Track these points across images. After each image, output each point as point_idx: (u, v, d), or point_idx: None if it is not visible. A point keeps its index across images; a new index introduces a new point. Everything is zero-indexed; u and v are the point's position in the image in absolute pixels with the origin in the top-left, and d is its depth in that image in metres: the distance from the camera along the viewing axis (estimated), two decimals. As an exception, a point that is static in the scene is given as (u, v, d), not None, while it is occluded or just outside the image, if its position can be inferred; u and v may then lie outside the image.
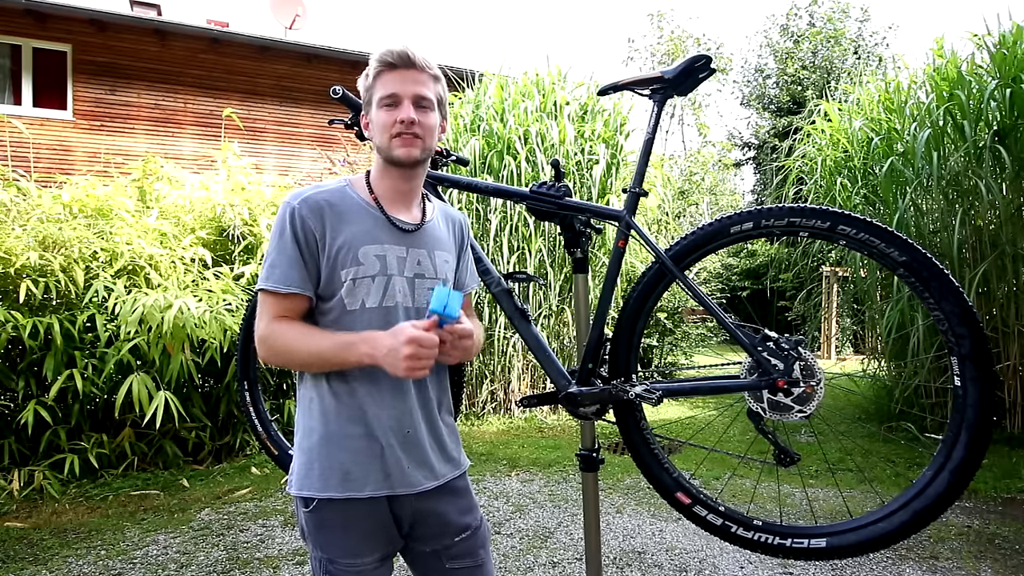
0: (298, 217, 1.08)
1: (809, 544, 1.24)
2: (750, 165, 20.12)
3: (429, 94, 1.12)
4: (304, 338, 1.07)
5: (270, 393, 4.28)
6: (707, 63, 1.33)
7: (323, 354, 1.06)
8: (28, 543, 2.74)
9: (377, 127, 1.12)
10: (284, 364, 1.13)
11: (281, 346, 1.08)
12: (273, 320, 1.09)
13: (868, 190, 4.70)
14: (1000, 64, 3.92)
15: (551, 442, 4.53)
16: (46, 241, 3.45)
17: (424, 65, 1.12)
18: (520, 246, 5.09)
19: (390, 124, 1.10)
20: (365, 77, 1.13)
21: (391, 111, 1.10)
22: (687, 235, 1.32)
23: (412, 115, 1.09)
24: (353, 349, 1.04)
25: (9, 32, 8.71)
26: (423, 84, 1.11)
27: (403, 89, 1.10)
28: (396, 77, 1.10)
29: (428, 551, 1.18)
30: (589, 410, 1.37)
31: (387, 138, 1.10)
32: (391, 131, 1.10)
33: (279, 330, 1.08)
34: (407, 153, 1.11)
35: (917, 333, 4.06)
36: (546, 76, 5.60)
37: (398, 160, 1.12)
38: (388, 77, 1.10)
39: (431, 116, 1.13)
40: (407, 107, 1.09)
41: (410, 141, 1.10)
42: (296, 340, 1.07)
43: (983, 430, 1.12)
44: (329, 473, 1.08)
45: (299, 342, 1.07)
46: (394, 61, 1.10)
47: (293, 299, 1.09)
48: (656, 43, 21.78)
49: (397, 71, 1.10)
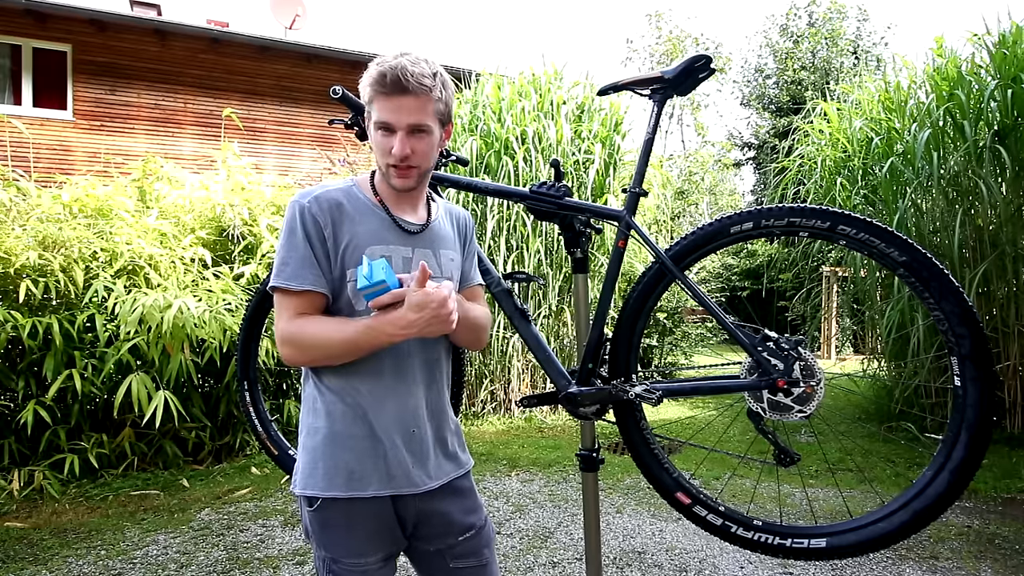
0: (308, 215, 1.07)
1: (809, 544, 1.24)
2: (750, 165, 20.13)
3: (426, 120, 1.06)
4: (332, 329, 1.06)
5: (270, 393, 4.27)
6: (707, 63, 1.33)
7: (356, 341, 1.04)
8: (28, 543, 2.74)
9: (375, 147, 1.10)
10: (310, 360, 1.10)
11: (310, 341, 1.06)
12: (293, 318, 1.07)
13: (868, 190, 4.70)
14: (1000, 64, 3.91)
15: (551, 442, 4.53)
16: (46, 241, 3.45)
17: (418, 89, 1.03)
18: (518, 246, 5.09)
19: (386, 151, 1.08)
20: (362, 88, 1.09)
21: (386, 137, 1.07)
22: (687, 235, 1.31)
23: (406, 150, 1.06)
24: (381, 331, 1.03)
25: (9, 32, 8.71)
26: (418, 111, 1.05)
27: (397, 119, 1.05)
28: (390, 105, 1.04)
29: (432, 550, 1.18)
30: (589, 410, 1.37)
31: (384, 164, 1.10)
32: (386, 159, 1.09)
33: (301, 326, 1.06)
34: (402, 183, 1.11)
35: (917, 333, 4.05)
36: (542, 76, 5.60)
37: (395, 187, 1.13)
38: (382, 103, 1.05)
39: (427, 140, 1.09)
40: (401, 140, 1.06)
41: (404, 172, 1.10)
42: (324, 333, 1.05)
43: (983, 430, 1.12)
44: (334, 472, 1.08)
45: (328, 334, 1.05)
46: (386, 89, 1.04)
47: (309, 296, 1.07)
48: (655, 43, 21.79)
49: (391, 99, 1.04)
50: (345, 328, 1.05)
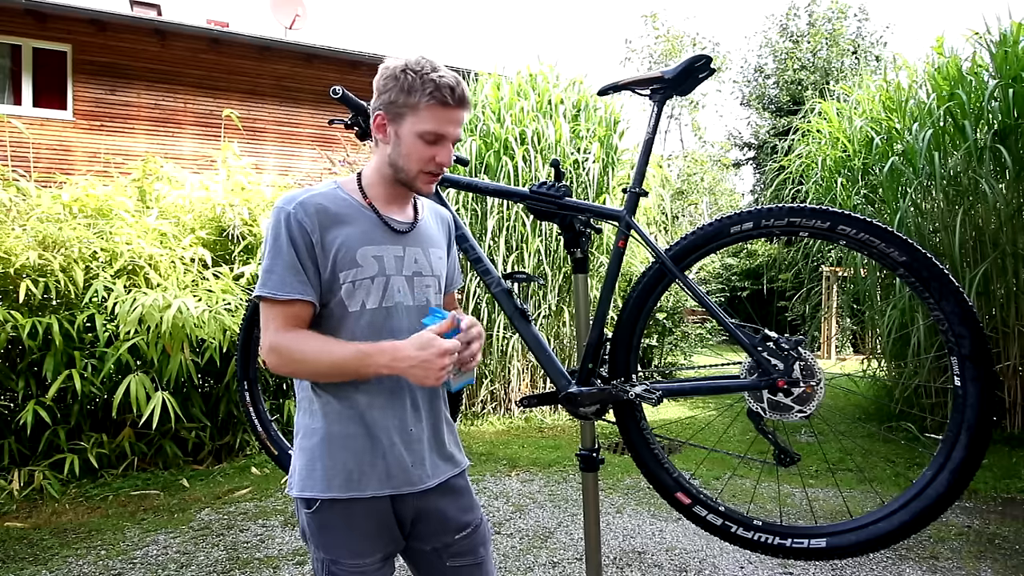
0: (294, 221, 1.05)
1: (809, 544, 1.24)
2: (750, 165, 20.13)
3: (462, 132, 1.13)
4: (322, 350, 1.04)
5: (270, 393, 4.28)
6: (707, 63, 1.33)
7: (344, 365, 1.03)
8: (28, 543, 2.74)
9: (410, 155, 1.09)
10: (294, 374, 1.10)
11: (297, 357, 1.05)
12: (281, 330, 1.05)
13: (868, 190, 4.69)
14: (1001, 63, 3.91)
15: (551, 442, 4.53)
16: (46, 241, 3.45)
17: (469, 103, 1.10)
18: (518, 246, 5.09)
19: (426, 160, 1.09)
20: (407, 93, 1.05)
21: (430, 147, 1.08)
22: (687, 235, 1.31)
23: (450, 159, 1.10)
24: (371, 360, 1.02)
25: (9, 32, 8.70)
26: (462, 122, 1.11)
27: (450, 131, 1.08)
28: (448, 116, 1.07)
29: (428, 549, 1.18)
30: (589, 410, 1.37)
31: (416, 170, 1.10)
32: (423, 167, 1.10)
33: (291, 340, 1.04)
34: (429, 189, 1.14)
35: (917, 333, 4.05)
36: (539, 75, 5.60)
37: (418, 192, 1.14)
38: (440, 114, 1.06)
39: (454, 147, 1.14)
40: (448, 150, 1.09)
41: (434, 179, 1.13)
42: (313, 352, 1.04)
43: (983, 430, 1.12)
44: (332, 473, 1.08)
45: (316, 354, 1.04)
46: (452, 102, 1.06)
47: (295, 305, 1.05)
48: (653, 43, 21.80)
49: (451, 110, 1.07)
50: (336, 350, 1.04)
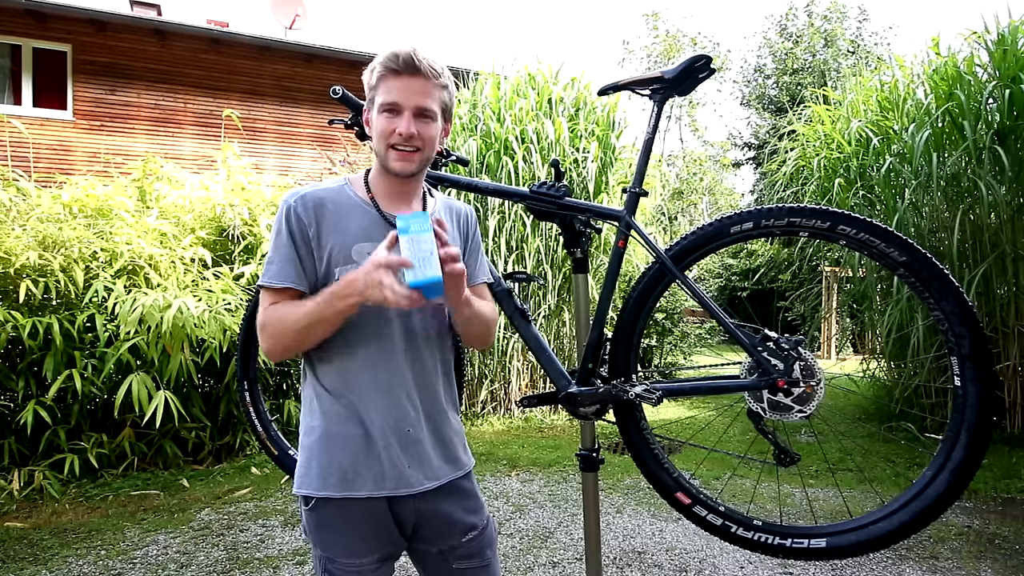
0: (293, 215, 1.09)
1: (809, 544, 1.24)
2: (750, 165, 20.13)
3: (432, 105, 1.08)
4: (294, 307, 1.06)
5: (270, 393, 4.27)
6: (707, 63, 1.33)
7: (316, 312, 1.03)
8: (28, 543, 2.74)
9: (376, 132, 1.10)
10: (284, 348, 1.09)
11: (277, 324, 1.07)
12: (267, 309, 1.09)
13: (866, 190, 4.69)
14: (999, 63, 3.90)
15: (551, 442, 4.52)
16: (46, 241, 3.45)
17: (430, 73, 1.06)
18: (518, 246, 5.09)
19: (388, 133, 1.07)
20: (369, 73, 1.09)
21: (391, 119, 1.07)
22: (687, 235, 1.31)
23: (412, 129, 1.06)
24: (332, 296, 1.02)
25: (9, 32, 8.71)
26: (427, 94, 1.07)
27: (405, 99, 1.06)
28: (399, 84, 1.06)
29: (434, 551, 1.17)
30: (589, 410, 1.37)
31: (384, 146, 1.09)
32: (388, 140, 1.08)
33: (272, 311, 1.08)
34: (403, 167, 1.10)
35: (917, 333, 4.05)
36: (538, 73, 5.60)
37: (393, 172, 1.11)
38: (391, 83, 1.06)
39: (432, 127, 1.09)
40: (407, 119, 1.06)
41: (407, 156, 1.09)
42: (291, 313, 1.06)
43: (983, 430, 1.12)
44: (327, 472, 1.09)
45: (292, 313, 1.06)
46: (399, 68, 1.05)
47: (287, 292, 1.09)
48: (651, 43, 21.77)
49: (401, 78, 1.06)
50: (306, 302, 1.06)
